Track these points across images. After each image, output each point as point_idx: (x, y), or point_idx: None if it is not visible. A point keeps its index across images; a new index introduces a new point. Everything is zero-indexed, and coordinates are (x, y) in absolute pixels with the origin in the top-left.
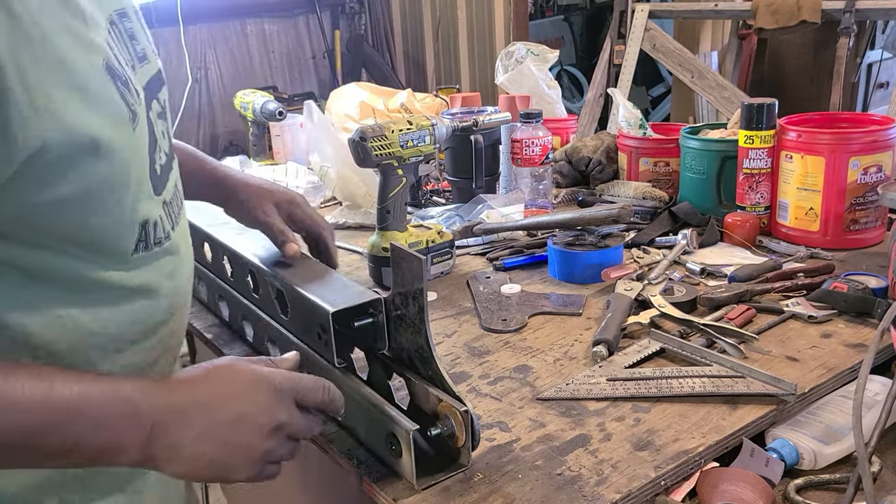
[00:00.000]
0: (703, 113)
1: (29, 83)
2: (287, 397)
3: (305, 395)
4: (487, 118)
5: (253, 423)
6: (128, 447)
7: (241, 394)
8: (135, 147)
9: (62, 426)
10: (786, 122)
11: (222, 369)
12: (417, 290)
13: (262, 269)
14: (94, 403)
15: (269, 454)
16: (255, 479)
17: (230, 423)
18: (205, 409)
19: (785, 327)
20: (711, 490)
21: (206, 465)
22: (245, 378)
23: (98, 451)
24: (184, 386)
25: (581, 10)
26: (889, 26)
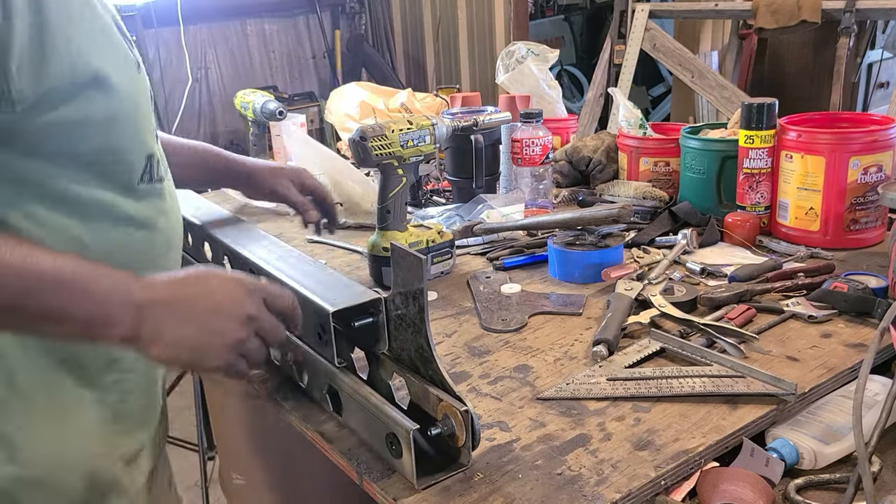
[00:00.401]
0: (704, 113)
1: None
2: (257, 296)
3: (273, 298)
4: (487, 118)
5: (228, 312)
6: (118, 322)
7: (217, 289)
8: (142, 88)
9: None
10: (786, 121)
11: (201, 272)
12: (418, 290)
13: (262, 269)
14: (88, 277)
15: (240, 343)
16: (227, 368)
17: (208, 311)
18: (187, 300)
19: (785, 327)
20: (711, 490)
21: (186, 348)
22: (221, 277)
23: (89, 321)
24: (169, 282)
25: (581, 9)
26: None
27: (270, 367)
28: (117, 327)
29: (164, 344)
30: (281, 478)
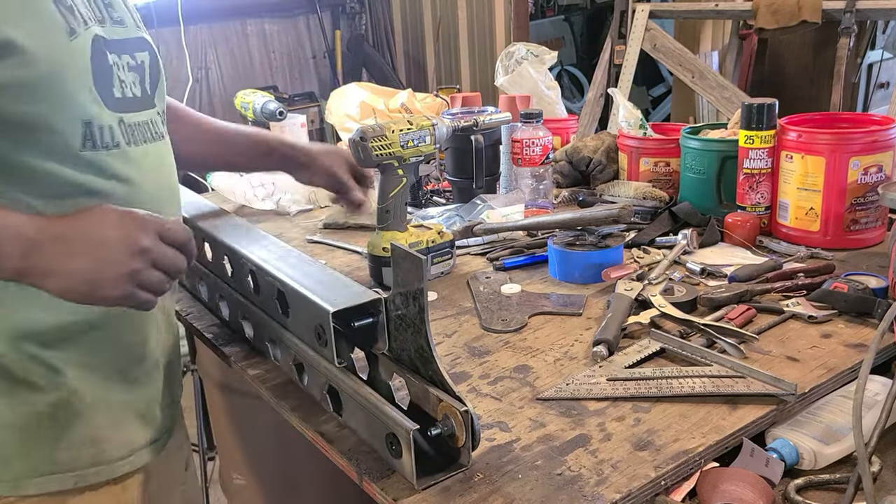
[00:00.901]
0: (704, 113)
1: None
2: (151, 228)
3: (168, 231)
4: (488, 118)
5: (119, 243)
6: (7, 255)
7: (109, 222)
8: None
9: None
10: (786, 122)
11: (95, 208)
12: (418, 290)
13: (262, 269)
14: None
15: (136, 274)
16: (127, 299)
17: (98, 243)
18: (78, 233)
19: (785, 327)
20: (711, 490)
21: (79, 280)
22: (114, 211)
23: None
24: (63, 218)
25: (581, 10)
26: (889, 26)
27: (270, 367)
28: (8, 260)
29: (56, 276)
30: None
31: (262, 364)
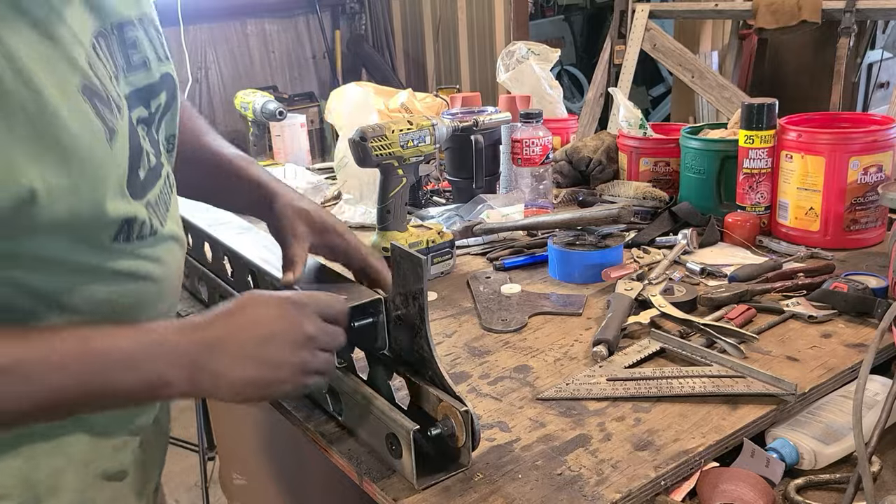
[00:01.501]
0: (704, 113)
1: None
2: (310, 311)
3: (324, 308)
4: (488, 118)
5: (283, 339)
6: (175, 382)
7: (267, 317)
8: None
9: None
10: (786, 121)
11: (245, 300)
12: (418, 291)
13: (262, 270)
14: (131, 350)
15: (305, 366)
16: (298, 390)
17: (262, 343)
18: (237, 336)
19: (785, 327)
20: (711, 490)
21: (249, 386)
22: (267, 302)
23: (150, 388)
24: (215, 320)
25: (581, 9)
26: (889, 26)
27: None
28: (175, 386)
29: (226, 387)
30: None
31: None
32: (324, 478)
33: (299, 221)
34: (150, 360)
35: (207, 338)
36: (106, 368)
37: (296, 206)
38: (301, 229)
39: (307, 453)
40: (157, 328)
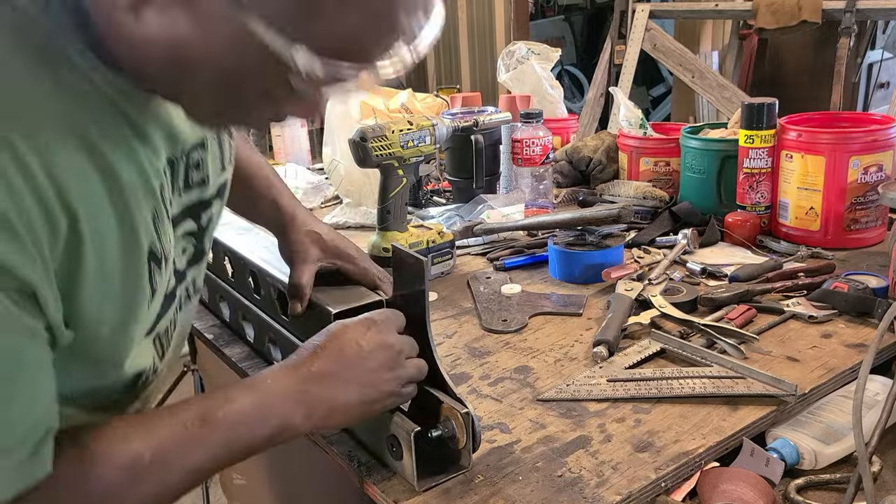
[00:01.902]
0: (704, 113)
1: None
2: (391, 327)
3: (398, 320)
4: (488, 118)
5: (379, 358)
6: (297, 422)
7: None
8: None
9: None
10: (786, 121)
11: (334, 330)
12: (419, 292)
13: (263, 270)
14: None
15: (401, 378)
16: (397, 403)
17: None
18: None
19: (785, 327)
20: (712, 490)
21: (359, 407)
22: (356, 327)
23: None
24: (314, 355)
25: (582, 10)
26: (889, 26)
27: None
28: (298, 426)
29: (340, 413)
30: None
31: (263, 365)
32: (324, 479)
33: (311, 245)
34: (273, 410)
35: (314, 373)
36: (239, 434)
37: (309, 230)
38: (312, 253)
39: (308, 454)
40: (265, 379)
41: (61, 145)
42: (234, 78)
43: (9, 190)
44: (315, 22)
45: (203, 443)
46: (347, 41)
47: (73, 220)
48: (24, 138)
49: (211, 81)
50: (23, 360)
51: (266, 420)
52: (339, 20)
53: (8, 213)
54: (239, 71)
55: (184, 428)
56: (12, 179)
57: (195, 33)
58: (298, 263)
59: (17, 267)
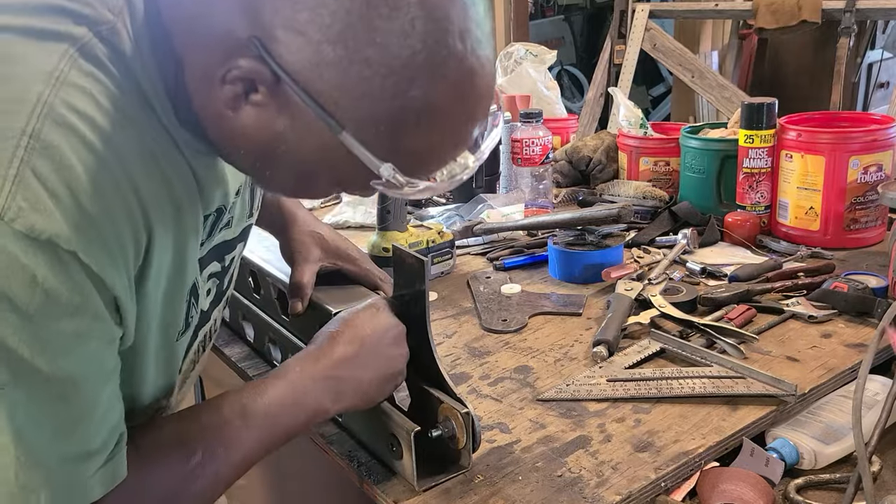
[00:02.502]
0: (704, 112)
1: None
2: (389, 310)
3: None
4: None
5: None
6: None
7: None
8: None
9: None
10: (786, 121)
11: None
12: (419, 292)
13: (263, 270)
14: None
15: (405, 356)
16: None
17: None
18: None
19: (785, 327)
20: (711, 489)
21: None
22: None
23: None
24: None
25: (581, 9)
26: (889, 26)
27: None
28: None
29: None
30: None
31: (263, 365)
32: (324, 479)
33: (313, 245)
34: (306, 398)
35: (338, 359)
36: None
37: (311, 230)
38: (313, 253)
39: (307, 454)
40: (293, 368)
41: (149, 176)
42: (316, 173)
43: (112, 219)
44: (403, 143)
45: (247, 435)
46: (427, 160)
47: (150, 242)
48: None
49: (292, 172)
50: (105, 367)
51: (301, 408)
52: (424, 143)
53: (108, 238)
54: (322, 169)
55: (227, 423)
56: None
57: (288, 135)
58: (300, 263)
59: (110, 279)
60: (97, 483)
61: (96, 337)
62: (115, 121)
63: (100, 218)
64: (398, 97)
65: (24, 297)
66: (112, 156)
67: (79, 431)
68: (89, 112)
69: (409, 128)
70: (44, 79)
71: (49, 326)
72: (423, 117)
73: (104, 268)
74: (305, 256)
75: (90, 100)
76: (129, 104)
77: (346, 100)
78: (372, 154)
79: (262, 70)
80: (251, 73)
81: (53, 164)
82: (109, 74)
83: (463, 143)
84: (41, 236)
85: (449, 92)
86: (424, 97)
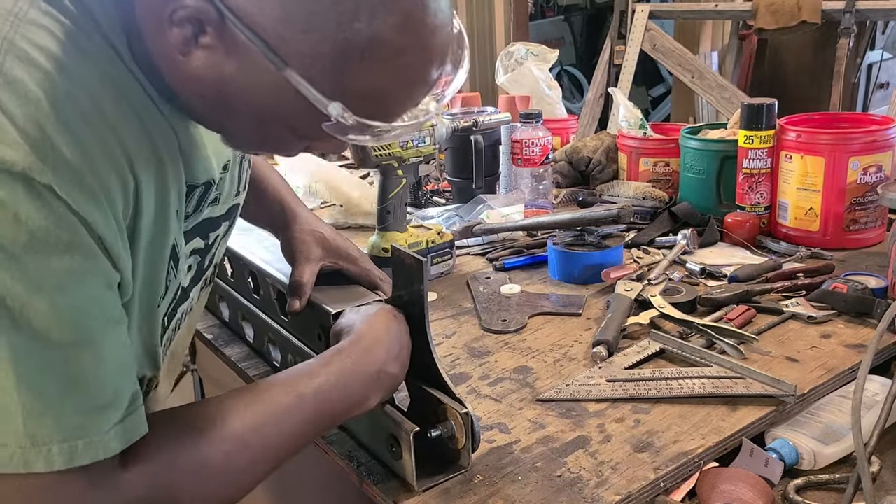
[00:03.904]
0: (703, 113)
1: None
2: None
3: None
4: (487, 118)
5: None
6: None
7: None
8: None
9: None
10: (785, 122)
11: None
12: (418, 292)
13: (262, 270)
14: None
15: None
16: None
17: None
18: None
19: (784, 328)
20: (711, 490)
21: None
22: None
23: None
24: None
25: (581, 10)
26: (889, 27)
27: (270, 369)
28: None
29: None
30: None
31: (263, 365)
32: (324, 479)
33: (314, 244)
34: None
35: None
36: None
37: (312, 229)
38: (314, 252)
39: (307, 454)
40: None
41: (125, 117)
42: (271, 118)
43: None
44: (351, 81)
45: (296, 417)
46: (380, 100)
47: (138, 189)
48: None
49: (250, 118)
50: (107, 312)
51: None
52: (374, 81)
53: (84, 173)
54: (276, 113)
55: (277, 405)
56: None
57: (238, 77)
58: (301, 262)
59: (91, 217)
60: (114, 438)
61: (92, 276)
62: (79, 59)
63: (72, 152)
64: (342, 30)
65: (9, 235)
66: (81, 92)
67: (88, 380)
68: (52, 48)
69: (354, 63)
70: (2, 15)
71: (40, 264)
72: (370, 53)
73: (82, 204)
74: (306, 255)
75: (52, 37)
76: (91, 45)
77: (289, 33)
78: (319, 92)
79: (208, 8)
80: (197, 12)
81: (18, 97)
82: (69, 14)
83: (421, 85)
84: (13, 168)
85: (397, 26)
86: (370, 31)
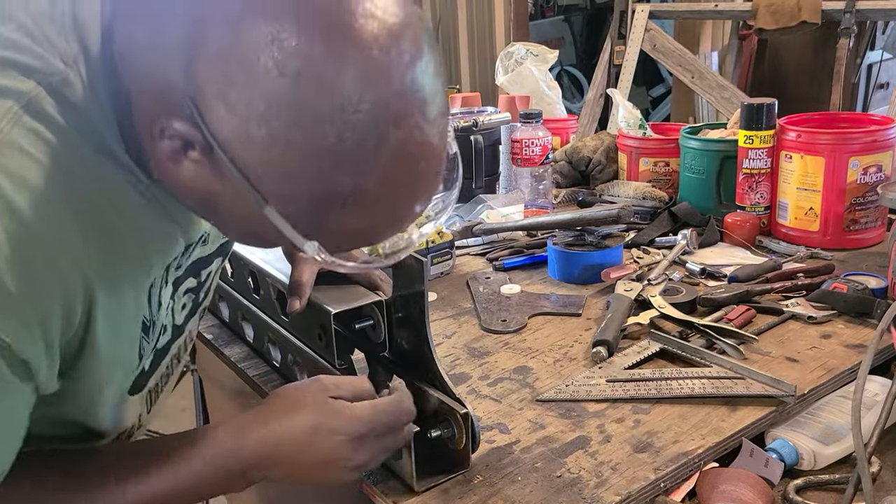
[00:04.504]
0: (703, 113)
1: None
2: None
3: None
4: (487, 118)
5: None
6: (234, 488)
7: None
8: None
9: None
10: (785, 122)
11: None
12: (418, 293)
13: (262, 270)
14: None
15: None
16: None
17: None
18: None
19: (784, 328)
20: (711, 490)
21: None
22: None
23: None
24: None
25: (581, 10)
26: (889, 27)
27: (270, 369)
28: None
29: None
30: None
31: (263, 365)
32: None
33: None
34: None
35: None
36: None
37: None
38: None
39: None
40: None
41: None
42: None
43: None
44: (331, 223)
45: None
46: (360, 235)
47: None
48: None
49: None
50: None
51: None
52: (355, 224)
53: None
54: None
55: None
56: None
57: (224, 195)
58: (300, 261)
59: (19, 347)
60: None
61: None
62: (56, 179)
63: (19, 293)
64: (323, 181)
65: None
66: (49, 227)
67: None
68: (26, 175)
69: (335, 209)
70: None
71: None
72: (353, 200)
73: (17, 339)
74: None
75: (30, 161)
76: (77, 156)
77: (269, 176)
78: (296, 230)
79: (196, 134)
80: (186, 134)
81: None
82: (56, 128)
83: (401, 223)
84: None
85: (380, 179)
86: (353, 183)
